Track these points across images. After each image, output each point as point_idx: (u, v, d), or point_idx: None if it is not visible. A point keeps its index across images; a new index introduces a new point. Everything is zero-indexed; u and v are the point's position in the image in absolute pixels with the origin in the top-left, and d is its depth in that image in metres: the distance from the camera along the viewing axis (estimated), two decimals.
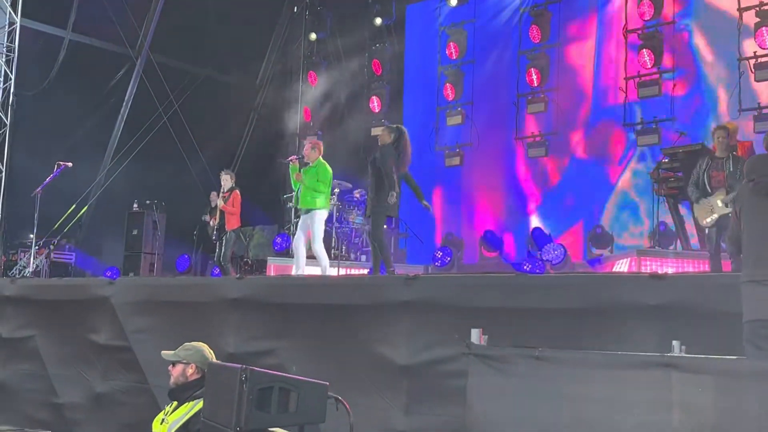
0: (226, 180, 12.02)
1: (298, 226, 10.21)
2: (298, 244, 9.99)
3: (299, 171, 10.08)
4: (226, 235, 11.72)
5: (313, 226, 9.86)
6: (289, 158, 10.73)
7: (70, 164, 12.22)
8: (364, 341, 6.93)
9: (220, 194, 11.92)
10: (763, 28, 12.54)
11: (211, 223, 12.26)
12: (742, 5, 13.02)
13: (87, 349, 9.04)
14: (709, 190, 8.48)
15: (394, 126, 9.68)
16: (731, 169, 8.28)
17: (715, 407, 3.51)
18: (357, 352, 6.95)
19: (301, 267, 9.99)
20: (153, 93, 17.10)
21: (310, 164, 10.07)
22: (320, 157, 10.13)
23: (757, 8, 12.80)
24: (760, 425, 3.39)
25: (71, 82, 16.25)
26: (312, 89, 19.15)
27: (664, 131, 13.65)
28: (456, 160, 16.49)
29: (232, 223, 11.77)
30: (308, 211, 9.90)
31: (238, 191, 11.89)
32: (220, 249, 11.78)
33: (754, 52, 12.85)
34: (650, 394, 3.66)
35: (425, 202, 9.70)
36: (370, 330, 6.95)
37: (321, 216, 9.99)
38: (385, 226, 9.51)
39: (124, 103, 17.38)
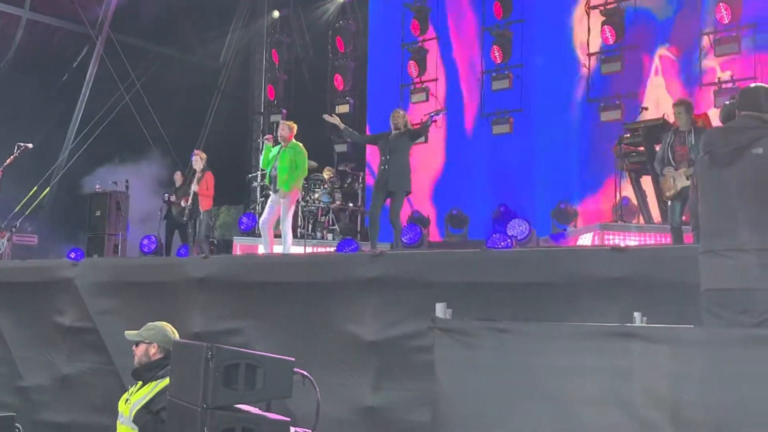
0: (197, 161, 11.99)
1: (267, 206, 10.19)
2: (266, 225, 10.00)
3: (278, 153, 10.06)
4: (199, 216, 11.74)
5: (285, 205, 9.88)
6: (266, 137, 10.73)
7: (30, 146, 12.03)
8: (332, 318, 6.96)
9: (196, 176, 11.88)
10: (721, 4, 12.67)
11: (182, 203, 12.23)
12: None
13: (52, 331, 8.96)
14: (674, 164, 8.59)
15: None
16: (693, 143, 8.40)
17: (673, 375, 3.58)
18: (324, 329, 6.98)
19: (269, 247, 10.00)
20: (114, 72, 16.87)
21: (285, 146, 10.05)
22: (294, 139, 10.13)
23: None
24: (717, 391, 3.47)
25: (30, 62, 15.98)
26: (275, 67, 19.03)
27: (626, 107, 13.77)
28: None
29: (205, 204, 11.79)
30: (282, 191, 9.89)
31: (210, 172, 11.89)
32: (194, 230, 11.81)
33: (714, 27, 12.99)
34: (611, 363, 3.72)
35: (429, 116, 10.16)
36: (337, 307, 6.98)
37: (294, 196, 10.09)
38: None
39: (85, 83, 17.14)
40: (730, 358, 3.51)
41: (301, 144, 10.15)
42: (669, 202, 8.77)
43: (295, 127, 10.28)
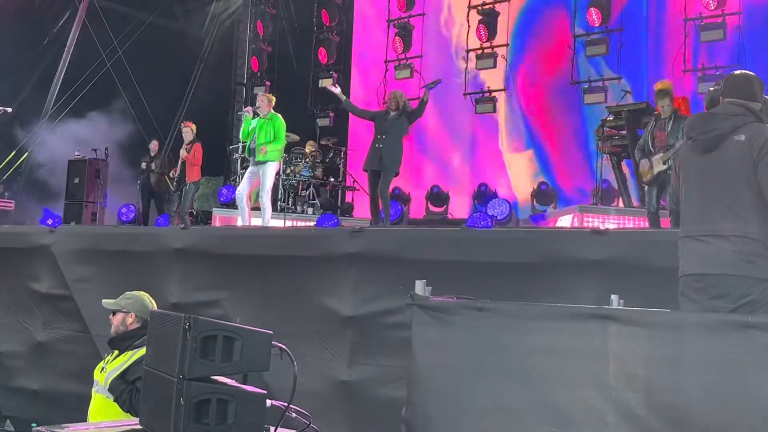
0: (188, 132, 12.00)
1: (245, 178, 10.18)
2: (243, 196, 10.00)
3: (257, 125, 10.05)
4: (185, 187, 11.74)
5: (264, 177, 9.90)
6: (246, 109, 10.66)
7: (9, 110, 11.89)
8: (310, 293, 6.97)
9: (184, 147, 11.89)
10: None
11: (172, 174, 12.23)
12: None
13: (27, 297, 8.92)
14: (653, 150, 8.61)
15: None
16: (671, 128, 8.43)
17: (648, 357, 3.62)
18: (302, 303, 6.99)
19: (246, 219, 10.00)
20: (96, 38, 16.67)
21: (263, 117, 10.05)
22: (273, 110, 10.14)
23: None
24: (689, 374, 3.51)
25: (10, 25, 15.74)
26: (260, 38, 18.87)
27: (610, 90, 13.78)
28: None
29: (193, 175, 11.77)
30: (262, 163, 9.88)
31: (200, 143, 11.87)
32: (179, 200, 11.81)
33: (700, 13, 13.00)
34: (588, 344, 3.75)
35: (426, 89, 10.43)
36: (315, 281, 6.98)
37: (273, 168, 10.11)
38: None
39: (66, 48, 16.92)
40: (703, 342, 3.54)
41: (280, 116, 10.15)
42: (646, 188, 8.80)
43: (274, 99, 10.31)
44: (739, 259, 4.13)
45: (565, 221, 10.70)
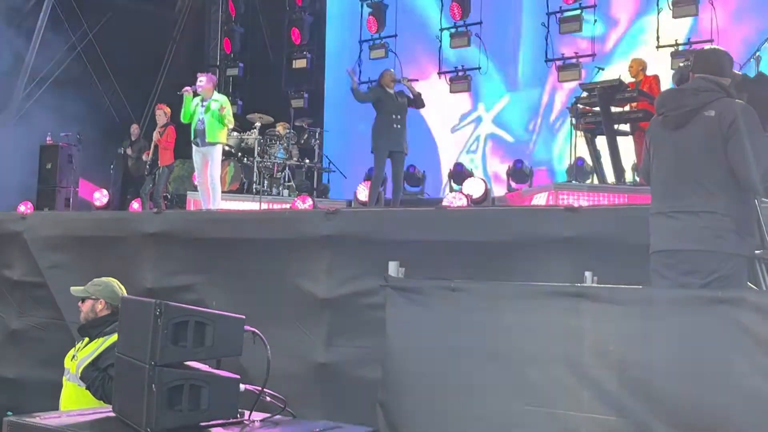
0: (161, 115, 11.91)
1: (197, 162, 10.15)
2: (203, 180, 10.03)
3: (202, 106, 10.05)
4: (158, 170, 11.66)
5: (214, 160, 9.98)
6: (185, 89, 10.46)
7: None
8: (285, 275, 6.95)
9: (157, 130, 11.80)
10: None
11: (144, 157, 12.14)
12: None
13: (0, 285, 8.83)
14: None
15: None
16: None
17: (620, 334, 3.63)
18: (277, 286, 6.97)
19: (208, 202, 10.02)
20: (66, 21, 16.43)
21: (208, 98, 10.02)
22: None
23: None
24: (661, 350, 3.53)
25: None
26: (232, 19, 18.70)
27: (584, 67, 13.80)
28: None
29: (166, 158, 11.70)
30: (212, 145, 9.89)
31: (173, 126, 11.80)
32: (152, 184, 11.73)
33: None
34: (562, 322, 3.76)
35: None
36: (290, 264, 6.96)
37: (221, 149, 10.25)
38: None
39: (36, 31, 16.64)
40: (674, 318, 3.56)
41: (224, 96, 10.28)
42: None
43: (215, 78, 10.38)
44: (708, 235, 4.15)
45: (540, 199, 10.71)
